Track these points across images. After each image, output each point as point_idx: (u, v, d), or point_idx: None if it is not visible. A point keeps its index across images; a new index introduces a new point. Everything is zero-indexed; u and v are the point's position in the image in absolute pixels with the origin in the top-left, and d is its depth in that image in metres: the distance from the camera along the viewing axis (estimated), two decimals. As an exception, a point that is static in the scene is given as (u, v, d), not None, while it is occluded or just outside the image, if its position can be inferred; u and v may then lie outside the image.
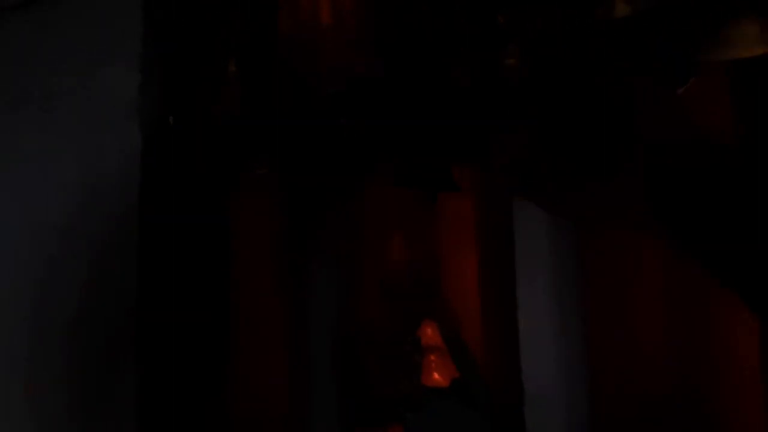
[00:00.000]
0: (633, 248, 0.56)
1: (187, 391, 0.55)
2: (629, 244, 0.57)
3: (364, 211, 0.67)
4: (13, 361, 0.59)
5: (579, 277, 0.60)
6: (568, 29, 0.48)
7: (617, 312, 0.58)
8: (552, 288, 0.61)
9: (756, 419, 0.48)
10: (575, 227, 0.59)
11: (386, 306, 0.65)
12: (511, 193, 0.62)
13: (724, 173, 0.39)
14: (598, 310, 0.59)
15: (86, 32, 0.65)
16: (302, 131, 0.61)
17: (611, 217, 0.57)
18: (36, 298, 0.61)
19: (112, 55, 0.62)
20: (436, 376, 0.56)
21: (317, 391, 0.62)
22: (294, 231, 0.67)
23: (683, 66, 0.41)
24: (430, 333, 0.57)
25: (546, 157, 0.55)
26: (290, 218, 0.67)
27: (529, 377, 0.60)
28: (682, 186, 0.42)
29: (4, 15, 0.66)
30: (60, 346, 0.58)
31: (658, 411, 0.54)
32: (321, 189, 0.65)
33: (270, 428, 0.52)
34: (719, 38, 0.40)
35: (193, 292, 0.58)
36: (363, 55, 0.58)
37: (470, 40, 0.53)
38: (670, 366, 0.54)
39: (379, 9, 0.58)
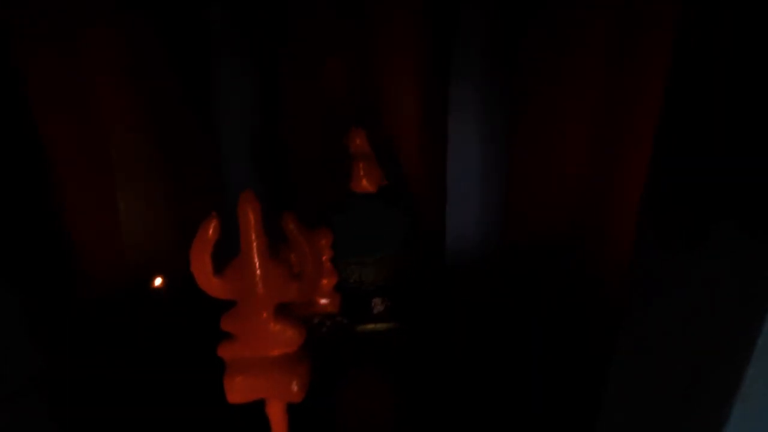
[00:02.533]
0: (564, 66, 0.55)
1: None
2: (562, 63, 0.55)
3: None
4: None
5: (509, 87, 0.60)
6: None
7: (541, 127, 0.58)
8: (482, 95, 0.60)
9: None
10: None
11: (317, 117, 0.64)
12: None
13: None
14: (523, 123, 0.60)
15: None
16: None
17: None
18: None
19: None
20: (364, 182, 0.58)
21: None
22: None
23: None
24: (358, 141, 0.57)
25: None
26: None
27: (453, 179, 0.62)
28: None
29: None
30: None
31: (561, 226, 0.58)
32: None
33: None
34: None
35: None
36: None
37: None
38: (580, 188, 0.57)
39: None
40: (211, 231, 0.33)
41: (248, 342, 0.35)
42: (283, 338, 0.35)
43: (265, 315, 0.35)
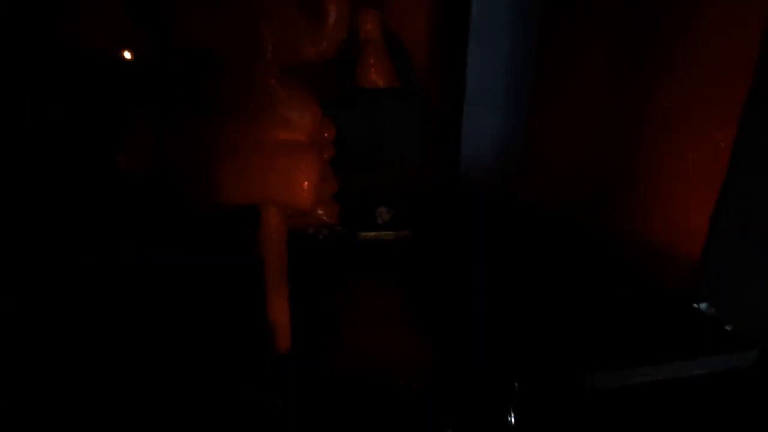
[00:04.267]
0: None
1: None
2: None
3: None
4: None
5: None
6: None
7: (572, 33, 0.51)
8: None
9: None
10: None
11: None
12: None
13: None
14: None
15: None
16: None
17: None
18: None
19: None
20: (373, 75, 0.51)
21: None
22: None
23: None
24: (369, 27, 0.51)
25: None
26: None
27: (472, 74, 0.55)
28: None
29: None
30: None
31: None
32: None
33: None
34: None
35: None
36: None
37: None
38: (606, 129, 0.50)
39: None
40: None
41: (241, 117, 0.26)
42: (289, 110, 0.26)
43: (266, 73, 0.25)
